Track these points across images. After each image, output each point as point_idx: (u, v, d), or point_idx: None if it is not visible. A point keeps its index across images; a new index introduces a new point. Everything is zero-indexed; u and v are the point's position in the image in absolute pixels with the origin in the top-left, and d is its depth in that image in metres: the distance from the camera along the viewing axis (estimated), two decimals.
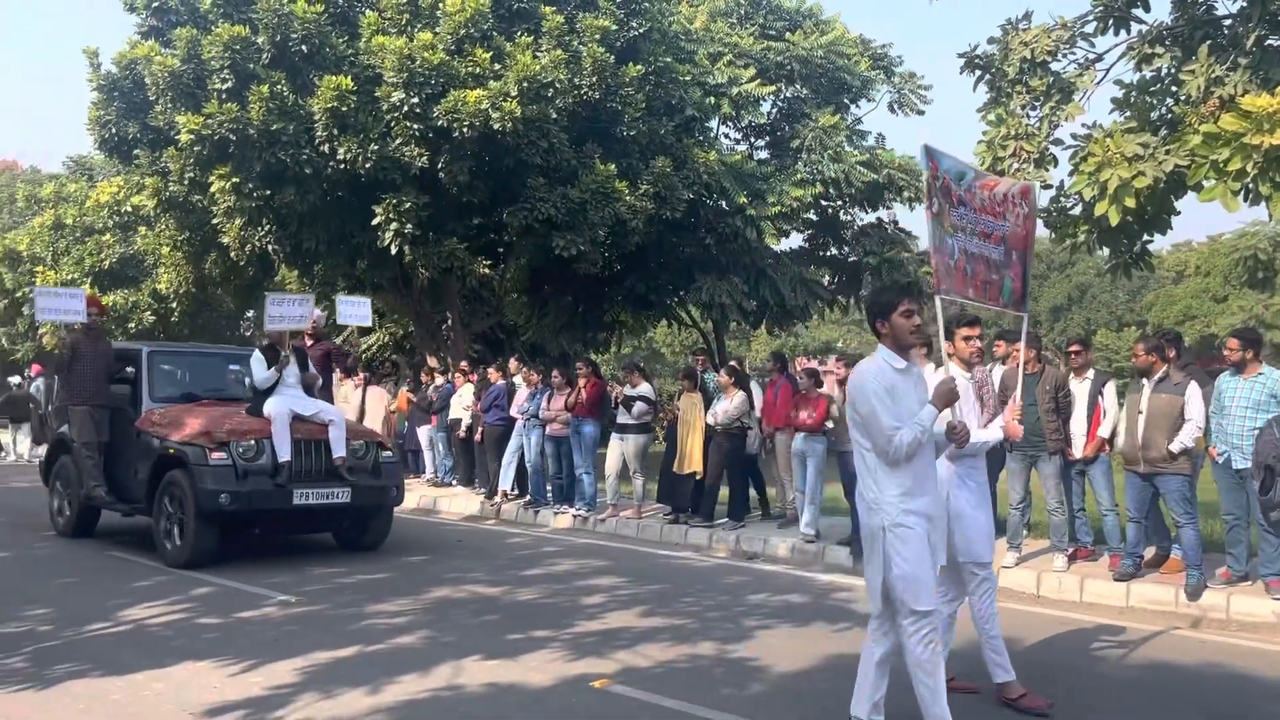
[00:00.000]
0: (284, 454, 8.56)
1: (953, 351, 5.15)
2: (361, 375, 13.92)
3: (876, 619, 4.41)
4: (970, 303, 5.22)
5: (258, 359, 9.10)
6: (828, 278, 19.07)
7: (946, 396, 4.29)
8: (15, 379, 20.68)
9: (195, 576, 8.09)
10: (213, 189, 13.25)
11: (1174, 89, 8.42)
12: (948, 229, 4.95)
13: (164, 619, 6.68)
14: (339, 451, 8.87)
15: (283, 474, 8.52)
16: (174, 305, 20.41)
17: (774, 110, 18.48)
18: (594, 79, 12.86)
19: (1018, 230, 5.39)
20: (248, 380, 9.47)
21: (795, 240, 19.45)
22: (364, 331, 21.39)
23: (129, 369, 9.82)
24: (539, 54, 12.73)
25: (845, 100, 18.41)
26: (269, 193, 13.23)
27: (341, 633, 6.34)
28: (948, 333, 5.13)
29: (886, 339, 4.38)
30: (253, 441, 8.56)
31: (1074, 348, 8.60)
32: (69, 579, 8.02)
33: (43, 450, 20.33)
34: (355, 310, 11.44)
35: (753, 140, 19.09)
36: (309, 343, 10.33)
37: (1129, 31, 8.90)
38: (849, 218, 19.07)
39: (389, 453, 9.67)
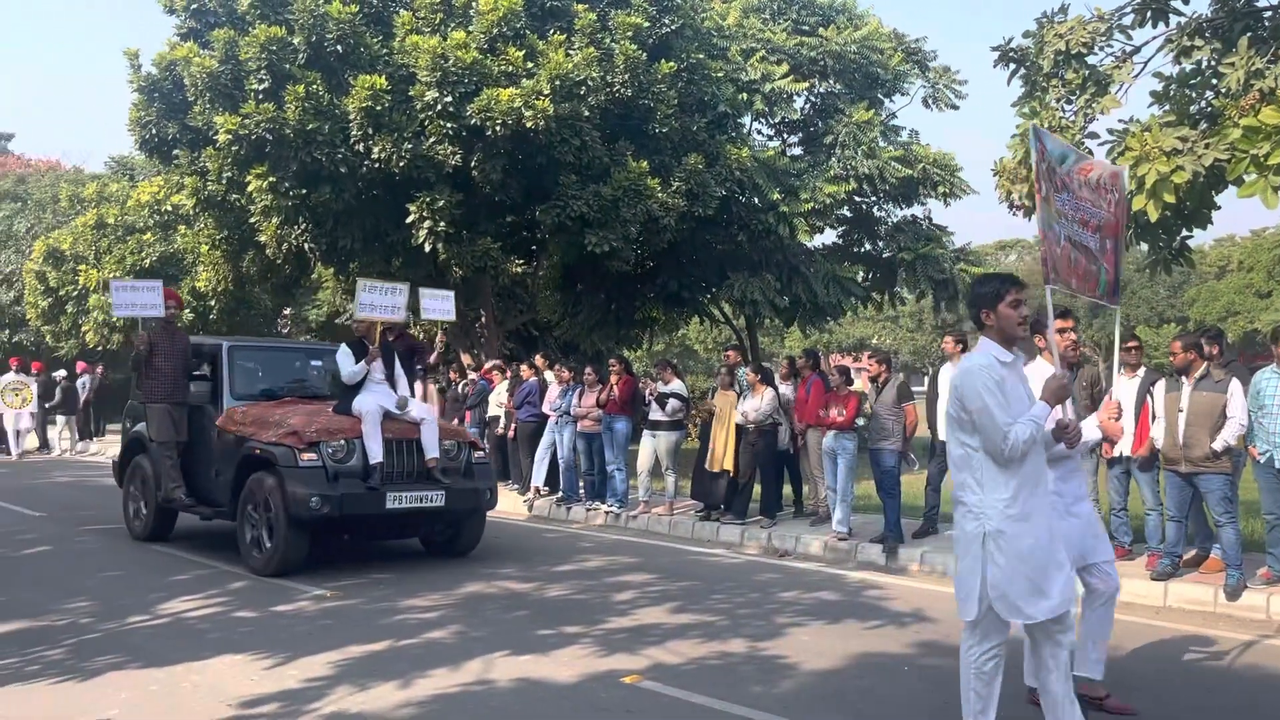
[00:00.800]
0: (375, 455, 8.06)
1: (1044, 345, 4.98)
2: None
3: (969, 627, 4.12)
4: (1072, 293, 5.02)
5: (345, 353, 8.61)
6: (861, 274, 18.94)
7: (1059, 393, 4.04)
8: (61, 373, 21.07)
9: (232, 570, 8.21)
10: (250, 188, 13.40)
11: (1213, 82, 8.29)
12: (1054, 215, 4.73)
13: (201, 612, 6.79)
14: (432, 452, 8.39)
15: (375, 476, 8.02)
16: (212, 303, 20.65)
17: (807, 106, 18.36)
18: (626, 76, 12.87)
19: (1110, 217, 5.13)
20: (332, 375, 9.04)
21: (829, 236, 19.35)
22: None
23: (205, 365, 9.52)
24: (571, 52, 12.76)
25: (879, 95, 18.27)
26: (305, 191, 13.36)
27: (374, 627, 6.41)
28: (1042, 326, 4.92)
29: (991, 330, 4.13)
30: (343, 441, 8.08)
31: (1132, 344, 8.45)
32: (110, 572, 8.17)
33: (84, 445, 20.84)
34: (439, 305, 10.88)
35: (786, 136, 19.00)
36: (391, 336, 9.73)
37: (1167, 24, 8.76)
38: (883, 213, 18.91)
39: (481, 453, 9.18)
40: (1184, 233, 9.14)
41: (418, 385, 10.03)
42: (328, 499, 7.78)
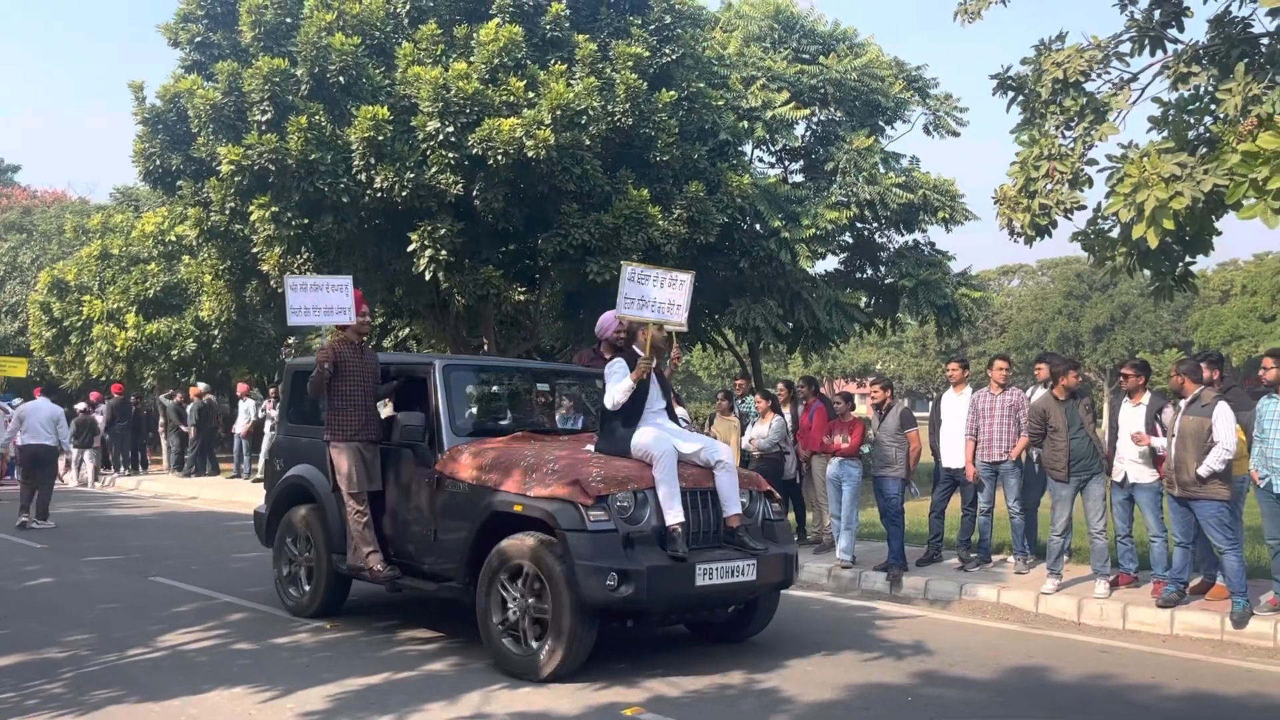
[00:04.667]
0: (676, 512, 5.98)
1: None
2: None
3: None
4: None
5: (620, 366, 6.48)
6: (864, 300, 18.95)
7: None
8: (81, 405, 21.06)
9: (231, 601, 8.17)
10: (253, 218, 13.45)
11: (1211, 107, 8.31)
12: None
13: (200, 644, 6.76)
14: (733, 507, 6.31)
15: (678, 543, 5.93)
16: (216, 333, 20.71)
17: (808, 133, 18.45)
18: (627, 105, 12.93)
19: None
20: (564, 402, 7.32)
21: (830, 263, 19.36)
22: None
23: (395, 390, 7.54)
24: (572, 82, 12.83)
25: (880, 122, 18.36)
26: (307, 221, 13.41)
27: (373, 659, 6.37)
28: None
29: None
30: (631, 493, 5.99)
31: (1125, 370, 8.44)
32: (111, 604, 8.13)
33: (110, 476, 20.66)
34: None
35: (787, 163, 19.07)
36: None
37: (1164, 51, 8.80)
38: (884, 239, 18.95)
39: (778, 505, 6.94)
40: (1186, 259, 9.13)
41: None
42: (629, 576, 5.69)
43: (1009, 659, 6.60)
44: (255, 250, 14.77)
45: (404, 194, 12.65)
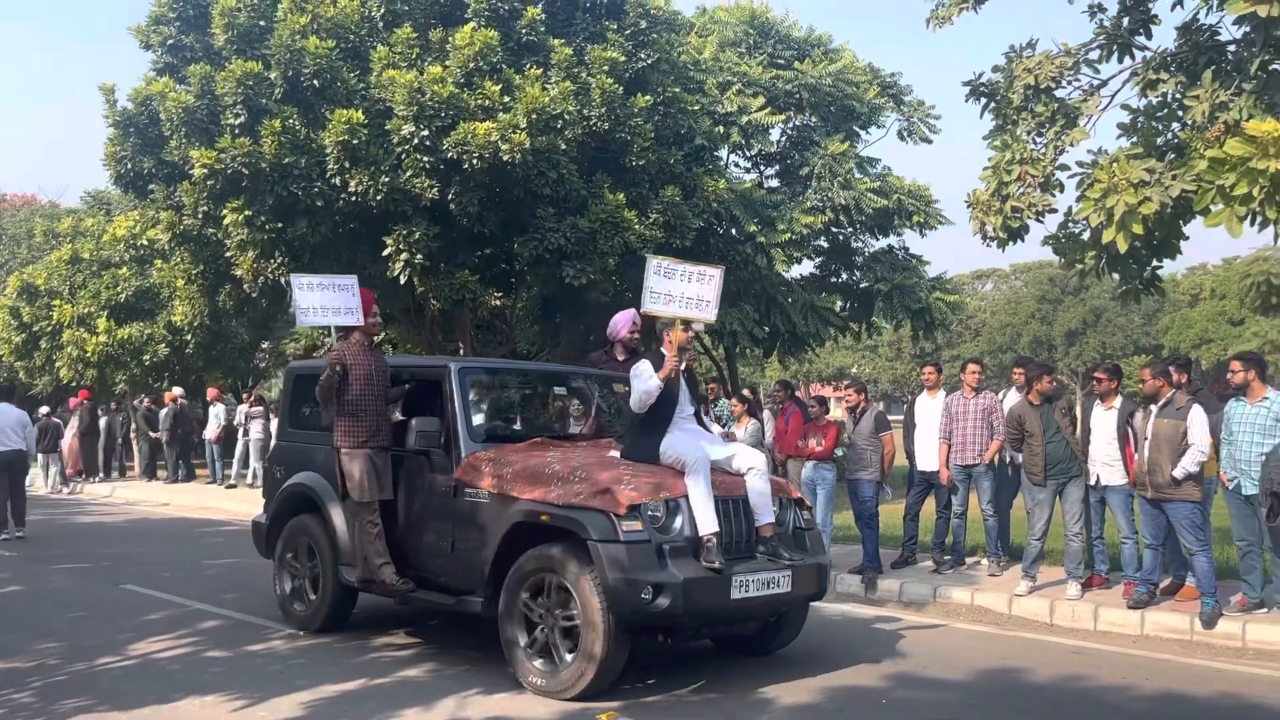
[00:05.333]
0: (710, 521, 5.73)
1: None
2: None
3: None
4: None
5: (646, 367, 6.17)
6: (839, 304, 19.05)
7: None
8: (44, 409, 20.80)
9: (203, 609, 8.10)
10: (226, 222, 13.35)
11: (1179, 114, 8.42)
12: None
13: (172, 653, 6.69)
14: (766, 516, 6.07)
15: (713, 553, 5.66)
16: (189, 338, 20.54)
17: (783, 138, 18.54)
18: (603, 110, 12.93)
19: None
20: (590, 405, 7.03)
21: (806, 267, 19.47)
22: None
23: (406, 388, 7.27)
24: (548, 86, 12.82)
25: (855, 128, 18.48)
26: (281, 225, 13.32)
27: (348, 665, 6.33)
28: None
29: None
30: (663, 502, 5.73)
31: (1098, 374, 8.52)
32: (80, 613, 8.04)
33: (77, 485, 20.40)
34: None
35: (762, 168, 19.16)
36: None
37: (1133, 58, 8.91)
38: (860, 244, 19.08)
39: (808, 514, 6.71)
40: (1154, 263, 9.24)
41: None
42: (665, 589, 5.41)
43: (982, 661, 6.65)
44: (228, 255, 14.65)
45: (379, 198, 12.60)
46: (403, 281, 13.56)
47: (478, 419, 6.75)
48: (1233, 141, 6.98)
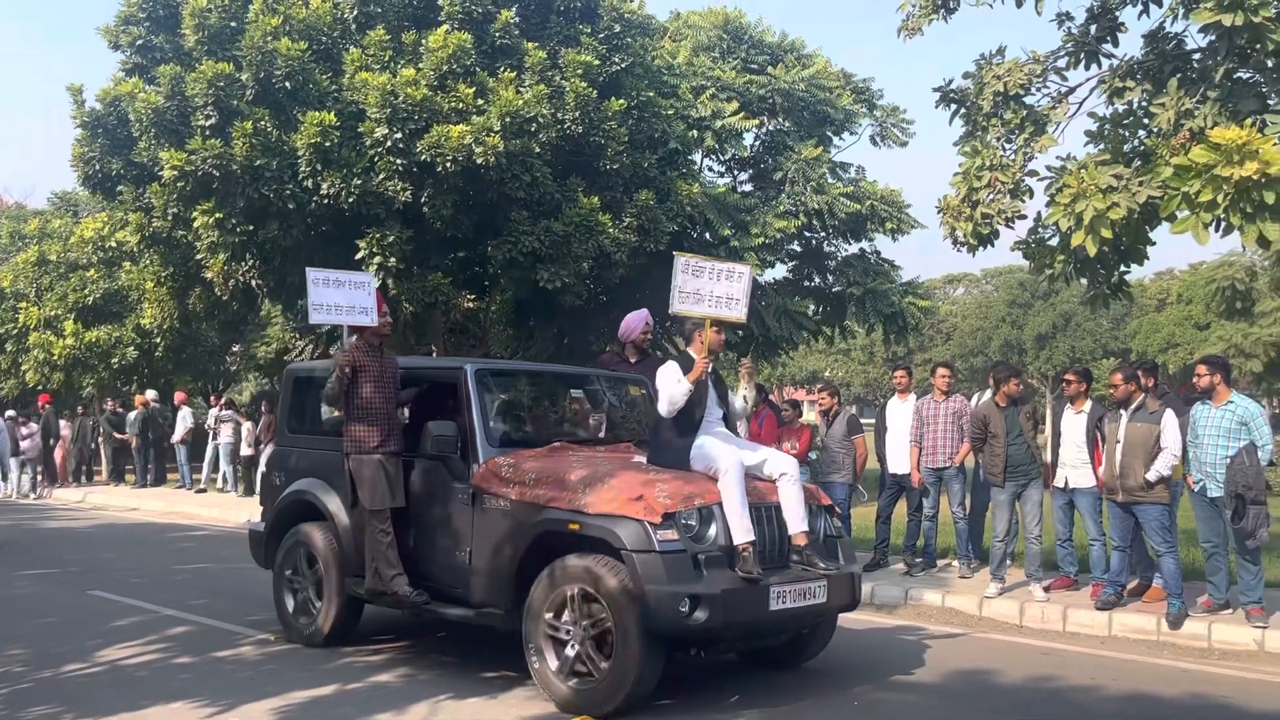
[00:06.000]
0: (745, 530, 5.49)
1: None
2: None
3: None
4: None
5: (672, 370, 5.95)
6: (812, 308, 19.15)
7: None
8: (10, 413, 20.50)
9: (173, 615, 8.02)
10: (196, 224, 13.24)
11: (1145, 121, 8.53)
12: None
13: (140, 659, 6.62)
14: (799, 524, 5.80)
15: (749, 563, 5.42)
16: (158, 340, 20.30)
17: (757, 143, 18.62)
18: (577, 113, 12.95)
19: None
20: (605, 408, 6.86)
21: (779, 271, 19.56)
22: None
23: (417, 391, 7.05)
24: (522, 89, 12.82)
25: (828, 133, 18.58)
26: (252, 228, 13.23)
27: (319, 671, 6.28)
28: None
29: None
30: (696, 510, 5.47)
31: (1068, 377, 8.60)
32: (47, 619, 7.93)
33: (26, 485, 20.14)
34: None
35: (736, 173, 19.23)
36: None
37: (1100, 66, 9.03)
38: (832, 248, 19.19)
39: (838, 522, 6.52)
40: (1122, 268, 9.35)
41: None
42: (702, 600, 5.17)
43: (953, 663, 6.70)
44: (199, 257, 14.53)
45: (351, 200, 12.54)
46: (376, 284, 13.50)
47: (494, 423, 6.46)
48: (1198, 149, 7.08)
